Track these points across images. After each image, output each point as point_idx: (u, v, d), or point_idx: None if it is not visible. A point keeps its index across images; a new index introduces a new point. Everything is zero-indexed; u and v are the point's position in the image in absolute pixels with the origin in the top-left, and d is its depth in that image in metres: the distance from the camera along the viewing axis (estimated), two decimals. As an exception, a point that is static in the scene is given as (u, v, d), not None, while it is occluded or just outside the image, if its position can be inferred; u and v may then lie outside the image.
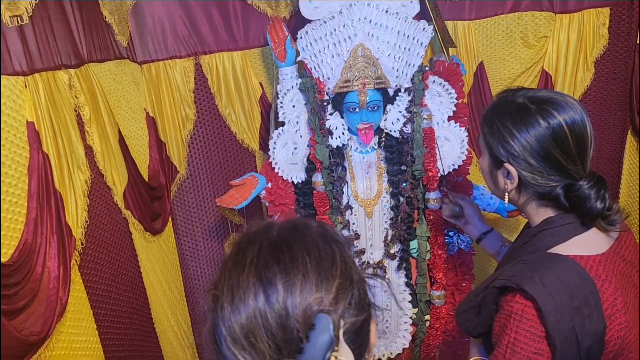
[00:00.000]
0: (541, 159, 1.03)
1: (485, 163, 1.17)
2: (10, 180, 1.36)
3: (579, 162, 1.03)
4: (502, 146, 1.08)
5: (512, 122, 1.06)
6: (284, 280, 0.66)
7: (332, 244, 0.73)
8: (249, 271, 0.68)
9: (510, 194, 1.13)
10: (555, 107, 1.03)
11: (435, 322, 2.09)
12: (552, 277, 0.99)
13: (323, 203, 2.00)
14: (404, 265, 2.09)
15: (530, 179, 1.07)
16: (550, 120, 1.02)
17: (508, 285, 1.03)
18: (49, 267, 1.42)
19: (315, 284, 0.67)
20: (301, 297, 0.65)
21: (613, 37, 2.31)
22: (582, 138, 1.03)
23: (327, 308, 0.66)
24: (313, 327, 0.63)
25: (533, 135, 1.03)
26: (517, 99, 1.08)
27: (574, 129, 1.02)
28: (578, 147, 1.03)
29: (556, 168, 1.04)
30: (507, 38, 2.33)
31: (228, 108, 2.40)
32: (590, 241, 1.05)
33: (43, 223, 1.41)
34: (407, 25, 1.86)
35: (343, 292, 0.68)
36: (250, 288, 0.67)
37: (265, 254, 0.70)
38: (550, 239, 1.07)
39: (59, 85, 1.56)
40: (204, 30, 2.30)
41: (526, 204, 1.13)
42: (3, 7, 1.33)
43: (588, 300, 0.98)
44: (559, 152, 1.02)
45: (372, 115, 1.91)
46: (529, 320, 0.99)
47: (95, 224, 1.74)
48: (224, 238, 2.55)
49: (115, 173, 1.86)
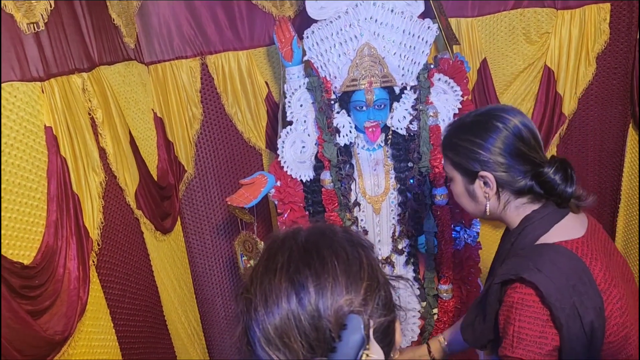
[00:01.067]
0: (509, 156, 1.14)
1: (459, 186, 1.25)
2: (31, 185, 1.39)
3: (538, 149, 1.15)
4: (472, 159, 1.17)
5: (473, 134, 1.17)
6: (315, 283, 0.69)
7: (359, 248, 0.76)
8: (280, 275, 0.71)
9: (491, 202, 1.21)
10: (501, 111, 1.17)
11: (443, 316, 2.13)
12: (546, 262, 1.07)
13: (331, 200, 2.03)
14: (411, 260, 2.13)
15: (506, 177, 1.15)
16: (506, 122, 1.14)
17: (507, 278, 1.11)
18: (70, 268, 1.45)
19: (345, 286, 0.70)
20: (332, 299, 0.68)
21: (614, 33, 2.34)
22: (532, 128, 1.16)
23: (357, 309, 0.69)
24: (345, 327, 0.66)
25: (498, 138, 1.14)
26: (466, 120, 1.22)
27: (524, 123, 1.15)
28: (533, 136, 1.15)
29: (523, 160, 1.14)
30: (509, 35, 2.36)
31: (234, 107, 2.43)
32: (569, 227, 1.14)
33: (63, 225, 1.44)
34: (412, 24, 1.89)
35: (371, 294, 0.72)
36: (283, 291, 0.69)
37: (296, 258, 0.73)
38: (534, 233, 1.15)
39: (73, 90, 1.59)
40: (209, 30, 2.33)
41: (506, 208, 1.20)
42: (20, 14, 1.35)
43: (582, 278, 1.06)
44: (521, 145, 1.13)
45: (378, 113, 1.94)
46: (530, 307, 1.06)
47: (110, 225, 1.77)
48: (232, 236, 2.59)
49: (127, 174, 1.89)
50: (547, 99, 2.43)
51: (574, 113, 2.46)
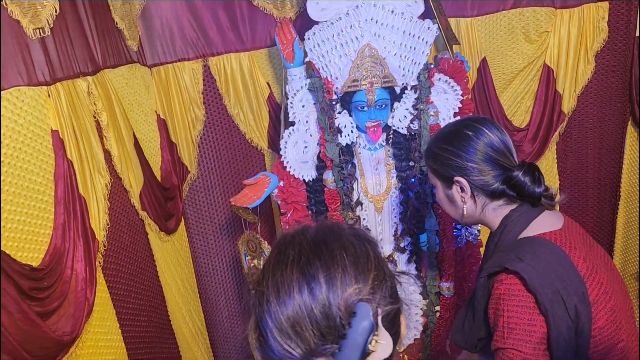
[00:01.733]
0: (481, 161, 1.23)
1: (440, 192, 1.36)
2: (39, 188, 1.41)
3: (508, 155, 1.24)
4: (448, 165, 1.27)
5: (447, 142, 1.28)
6: (325, 274, 0.72)
7: (365, 242, 0.80)
8: (292, 268, 0.74)
9: (468, 206, 1.30)
10: (473, 121, 1.27)
11: (445, 313, 2.15)
12: (528, 253, 1.14)
13: (334, 200, 2.05)
14: (413, 258, 2.15)
15: (479, 181, 1.24)
16: (477, 132, 1.24)
17: (492, 270, 1.17)
18: (77, 269, 1.47)
19: (354, 277, 0.73)
20: (342, 288, 0.71)
21: (612, 31, 2.36)
22: (501, 136, 1.24)
23: (365, 297, 0.72)
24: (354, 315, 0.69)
25: (469, 146, 1.24)
26: (444, 130, 1.33)
27: (494, 131, 1.24)
28: (503, 143, 1.24)
29: (493, 165, 1.23)
30: (509, 34, 2.38)
31: (236, 108, 2.45)
32: (547, 222, 1.22)
33: (70, 227, 1.46)
34: (413, 25, 1.91)
35: (379, 283, 0.75)
36: (294, 283, 0.72)
37: (306, 252, 0.76)
38: (514, 229, 1.23)
39: (78, 93, 1.61)
40: (211, 33, 2.35)
41: (484, 210, 1.28)
42: (27, 20, 1.37)
43: (563, 265, 1.12)
44: (491, 151, 1.22)
45: (380, 113, 1.96)
46: (516, 296, 1.12)
47: (116, 226, 1.79)
48: (235, 235, 2.61)
49: (132, 176, 1.91)
50: (546, 97, 2.45)
51: (573, 111, 2.48)
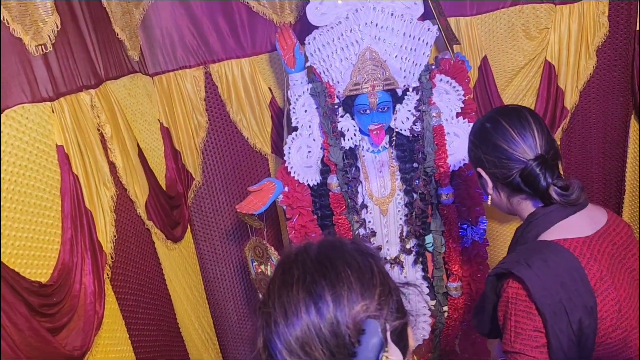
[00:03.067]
0: (492, 151, 1.21)
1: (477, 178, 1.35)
2: (46, 203, 1.42)
3: (521, 143, 1.18)
4: (474, 156, 1.29)
5: (473, 135, 1.29)
6: (331, 292, 0.72)
7: (368, 257, 0.79)
8: (297, 288, 0.74)
9: (494, 197, 1.30)
10: (495, 112, 1.27)
11: (454, 313, 2.15)
12: (537, 259, 1.11)
13: (339, 204, 2.06)
14: (420, 259, 2.16)
15: (497, 173, 1.22)
16: (492, 121, 1.23)
17: (500, 272, 1.17)
18: (85, 283, 1.48)
19: (360, 293, 0.73)
20: (349, 306, 0.71)
21: (613, 25, 2.35)
22: (520, 122, 1.20)
23: (373, 313, 0.72)
24: (363, 332, 0.69)
25: (481, 135, 1.24)
26: (478, 119, 1.31)
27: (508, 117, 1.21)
28: (522, 135, 1.19)
29: (506, 155, 1.19)
30: (509, 31, 2.37)
31: (239, 114, 2.45)
32: (574, 226, 1.17)
33: (78, 242, 1.47)
34: (413, 27, 1.91)
35: (385, 299, 0.75)
36: (301, 303, 0.72)
37: (311, 270, 0.75)
38: (537, 229, 1.20)
39: (82, 107, 1.62)
40: (211, 40, 2.35)
41: (509, 202, 1.27)
42: (29, 37, 1.38)
43: (573, 276, 1.09)
44: (502, 141, 1.19)
45: (382, 115, 1.96)
46: (523, 301, 1.11)
47: (122, 238, 1.80)
48: (241, 241, 2.61)
49: (137, 186, 1.92)
50: (548, 94, 2.44)
51: (576, 106, 2.47)
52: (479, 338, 2.17)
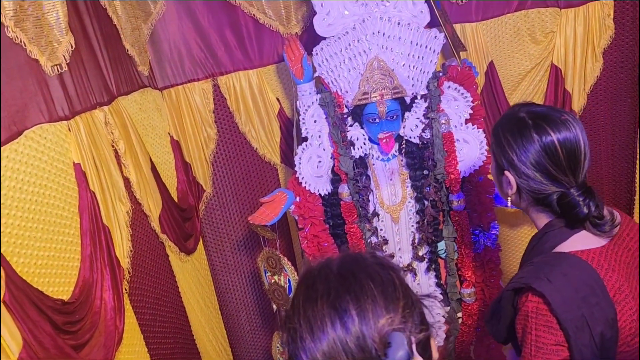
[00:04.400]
0: (535, 170, 1.15)
1: (493, 168, 1.30)
2: (65, 222, 1.44)
3: (569, 174, 1.14)
4: (504, 156, 1.20)
5: (512, 135, 1.18)
6: (356, 307, 0.73)
7: (389, 271, 0.81)
8: (322, 303, 0.75)
9: (513, 198, 1.25)
10: (550, 124, 1.14)
11: (468, 319, 2.16)
12: (557, 273, 1.09)
13: (351, 213, 2.07)
14: (433, 266, 2.16)
15: (526, 187, 1.18)
16: (544, 137, 1.13)
17: (519, 286, 1.14)
18: (105, 299, 1.49)
19: (385, 307, 0.74)
20: (374, 319, 0.72)
21: (618, 27, 2.36)
22: (574, 153, 1.13)
23: (398, 326, 0.73)
24: (389, 345, 0.70)
25: (528, 149, 1.15)
26: (519, 114, 1.20)
27: (565, 145, 1.12)
28: (569, 161, 1.13)
29: (549, 177, 1.14)
30: (515, 36, 2.38)
31: (248, 125, 2.47)
32: (589, 237, 1.15)
33: (97, 258, 1.49)
34: (419, 35, 1.92)
35: (409, 311, 0.76)
36: (326, 318, 0.73)
37: (335, 285, 0.76)
38: (553, 240, 1.18)
39: (96, 124, 1.64)
40: (219, 52, 2.37)
41: (527, 209, 1.24)
42: (44, 58, 1.40)
43: (594, 289, 1.07)
44: (550, 164, 1.13)
45: (391, 124, 1.97)
46: (544, 316, 1.09)
47: (138, 252, 1.82)
48: (253, 252, 2.63)
49: (151, 200, 1.93)
50: (556, 97, 2.45)
51: (583, 109, 2.48)
52: (494, 344, 2.17)
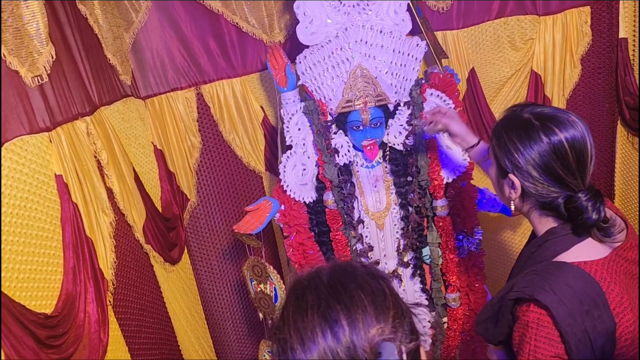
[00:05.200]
0: (542, 172, 1.11)
1: (494, 172, 1.25)
2: (47, 234, 1.42)
3: (578, 176, 1.10)
4: (508, 158, 1.16)
5: (518, 136, 1.13)
6: (346, 317, 0.73)
7: (380, 280, 0.81)
8: (312, 313, 0.75)
9: (516, 202, 1.20)
10: (558, 125, 1.10)
11: (453, 324, 2.17)
12: (561, 285, 1.06)
13: (336, 220, 2.07)
14: (418, 272, 2.18)
15: (532, 190, 1.14)
16: (552, 137, 1.09)
17: (522, 296, 1.10)
18: (89, 312, 1.48)
19: (375, 317, 0.74)
20: (364, 330, 0.72)
21: (596, 34, 2.41)
22: (582, 154, 1.10)
23: (388, 336, 0.73)
24: (380, 355, 0.70)
25: (536, 150, 1.10)
26: (523, 115, 1.16)
27: (574, 146, 1.09)
28: (577, 163, 1.10)
29: (556, 181, 1.11)
30: (495, 43, 2.42)
31: (232, 133, 2.47)
32: (591, 247, 1.12)
33: (80, 270, 1.47)
34: (402, 43, 1.94)
35: (399, 321, 0.76)
36: (317, 328, 0.73)
37: (325, 295, 0.76)
38: (555, 248, 1.14)
39: (78, 135, 1.62)
40: (202, 61, 2.37)
41: (530, 213, 1.20)
42: (25, 69, 1.38)
43: (596, 303, 1.05)
44: (559, 166, 1.09)
45: (375, 131, 1.99)
46: (545, 327, 1.06)
47: (122, 263, 1.80)
48: (238, 260, 2.62)
49: (135, 210, 1.92)
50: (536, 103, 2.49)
51: (563, 114, 2.51)
52: (479, 347, 2.18)
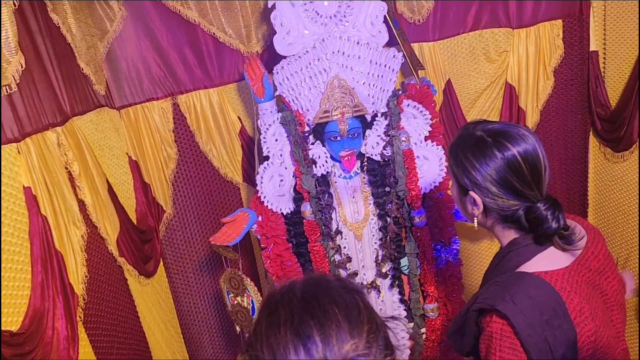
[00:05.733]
0: (501, 187, 1.13)
1: (454, 190, 1.26)
2: (14, 248, 1.37)
3: (534, 187, 1.12)
4: (466, 176, 1.17)
5: (473, 154, 1.15)
6: (320, 332, 0.71)
7: (354, 294, 0.79)
8: (285, 329, 0.73)
9: (479, 218, 1.22)
10: (509, 140, 1.12)
11: (431, 334, 2.17)
12: (522, 295, 1.07)
13: (314, 231, 2.06)
14: (396, 282, 2.17)
15: (493, 205, 1.16)
16: (505, 153, 1.11)
17: (484, 307, 1.12)
18: (58, 328, 1.43)
19: (349, 332, 0.72)
20: (338, 345, 0.71)
21: (568, 47, 2.46)
22: (536, 166, 1.12)
23: (362, 352, 0.72)
24: None
25: (492, 167, 1.12)
26: (476, 133, 1.18)
27: (527, 159, 1.11)
28: (532, 174, 1.12)
29: (515, 193, 1.13)
30: (470, 55, 2.45)
31: (209, 144, 2.44)
32: (553, 257, 1.14)
33: (49, 286, 1.42)
34: (378, 54, 1.95)
35: (374, 336, 0.74)
36: (289, 344, 0.71)
37: (298, 310, 0.75)
38: (517, 259, 1.16)
39: (48, 146, 1.58)
40: (178, 71, 2.34)
41: (493, 227, 1.22)
42: (-8, 78, 1.35)
43: (557, 312, 1.06)
44: (515, 180, 1.11)
45: (352, 142, 1.99)
46: (508, 337, 1.07)
47: (94, 277, 1.75)
48: (215, 273, 2.58)
49: (108, 223, 1.88)
50: (510, 114, 2.52)
51: (537, 125, 2.56)
52: (457, 358, 2.18)
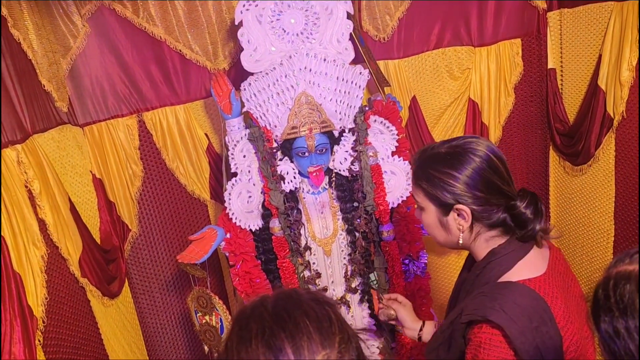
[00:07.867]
0: (485, 189, 1.14)
1: (432, 217, 1.23)
2: (-31, 270, 1.32)
3: (511, 182, 1.17)
4: (447, 191, 1.16)
5: (449, 166, 1.16)
6: (291, 344, 0.71)
7: (325, 306, 0.80)
8: (257, 342, 0.73)
9: (465, 234, 1.20)
10: (474, 144, 1.17)
11: (401, 349, 2.17)
12: (511, 304, 1.08)
13: (282, 247, 2.05)
14: (366, 297, 2.17)
15: (481, 211, 1.15)
16: (480, 154, 1.15)
17: (474, 318, 1.12)
18: (15, 353, 1.37)
19: (320, 343, 0.73)
20: (310, 356, 0.71)
21: (527, 64, 2.55)
22: (503, 161, 1.17)
23: None
24: None
25: (472, 170, 1.14)
26: (440, 150, 1.19)
27: (497, 155, 1.16)
28: (505, 169, 1.17)
29: (497, 193, 1.15)
30: (434, 72, 2.51)
31: (175, 161, 2.41)
32: (532, 264, 1.16)
33: (6, 309, 1.37)
34: (345, 71, 1.98)
35: (345, 346, 0.75)
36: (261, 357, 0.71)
37: (269, 323, 0.75)
38: (498, 269, 1.16)
39: (7, 164, 1.53)
40: (144, 88, 2.31)
41: (477, 239, 1.20)
42: (-52, 94, 1.30)
43: (544, 319, 1.08)
44: (496, 178, 1.14)
45: (320, 157, 2.00)
46: (497, 347, 1.07)
47: (55, 299, 1.69)
48: (183, 292, 2.53)
49: (70, 243, 1.82)
50: (474, 129, 2.58)
51: (500, 140, 2.62)
52: (428, 372, 2.18)
